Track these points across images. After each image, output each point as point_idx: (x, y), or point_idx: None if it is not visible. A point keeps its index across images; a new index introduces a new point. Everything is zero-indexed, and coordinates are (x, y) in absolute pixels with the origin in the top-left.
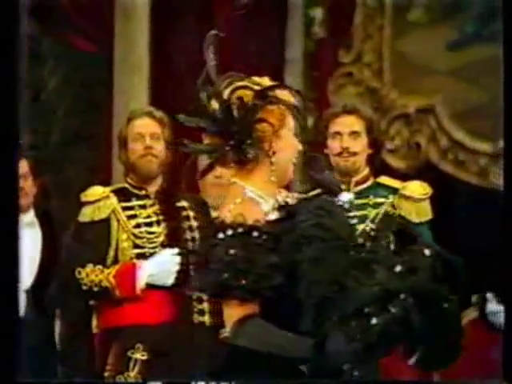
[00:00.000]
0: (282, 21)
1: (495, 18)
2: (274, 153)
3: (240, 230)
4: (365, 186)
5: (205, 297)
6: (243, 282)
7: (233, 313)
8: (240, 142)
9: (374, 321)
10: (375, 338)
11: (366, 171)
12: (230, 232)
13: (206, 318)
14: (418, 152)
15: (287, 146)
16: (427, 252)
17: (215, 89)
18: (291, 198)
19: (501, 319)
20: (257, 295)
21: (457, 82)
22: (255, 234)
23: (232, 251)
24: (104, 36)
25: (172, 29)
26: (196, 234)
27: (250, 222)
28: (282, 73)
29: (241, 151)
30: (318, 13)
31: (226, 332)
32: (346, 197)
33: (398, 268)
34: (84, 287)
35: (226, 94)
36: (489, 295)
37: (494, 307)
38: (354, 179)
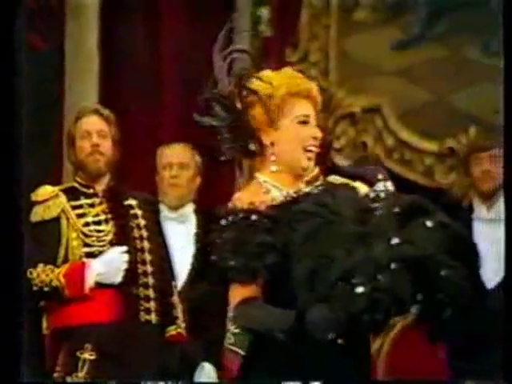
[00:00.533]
0: (230, 19)
1: (440, 19)
2: (272, 144)
3: (241, 214)
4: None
5: (152, 295)
6: (232, 262)
7: (234, 295)
8: (227, 135)
9: (359, 290)
10: (360, 306)
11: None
12: (231, 218)
13: (153, 317)
14: (364, 151)
15: (289, 136)
16: (429, 223)
17: (220, 88)
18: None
19: None
20: (252, 276)
21: (403, 82)
22: (254, 217)
23: (225, 234)
24: (55, 34)
25: (121, 28)
26: (144, 232)
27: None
28: None
29: (238, 144)
30: (264, 12)
31: (172, 330)
32: (380, 186)
33: (395, 240)
34: (35, 288)
35: (230, 91)
36: None
37: None
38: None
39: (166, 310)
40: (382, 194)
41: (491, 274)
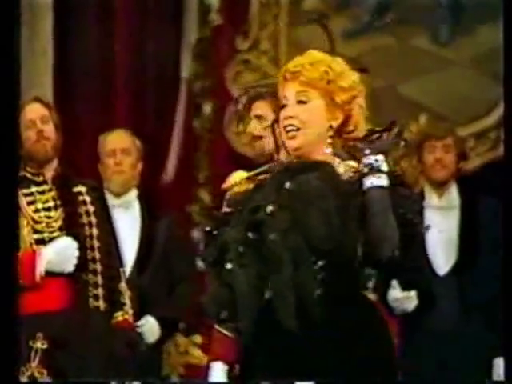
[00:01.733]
0: (179, 8)
1: (389, 8)
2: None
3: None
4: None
5: (100, 281)
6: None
7: None
8: None
9: (228, 266)
10: (229, 282)
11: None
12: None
13: (101, 303)
14: None
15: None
16: (287, 185)
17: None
18: None
19: (403, 306)
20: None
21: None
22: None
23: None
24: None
25: (75, 20)
26: (92, 219)
27: None
28: (179, 60)
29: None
30: (213, 0)
31: (119, 316)
32: (365, 162)
33: (269, 208)
34: None
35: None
36: (393, 282)
37: (398, 294)
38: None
39: (113, 296)
40: (366, 170)
41: (442, 260)
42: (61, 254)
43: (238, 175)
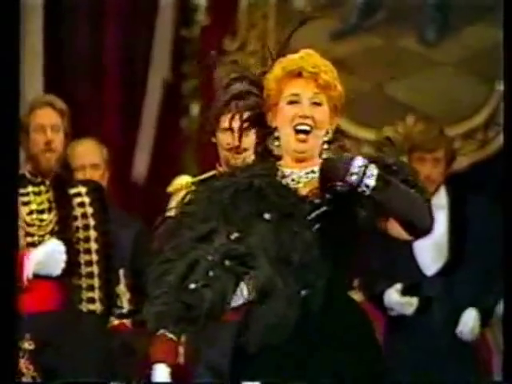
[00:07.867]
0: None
1: (377, 9)
2: (275, 128)
3: None
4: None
5: (96, 284)
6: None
7: None
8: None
9: (192, 286)
10: (189, 300)
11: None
12: None
13: (97, 306)
14: None
15: (282, 118)
16: (267, 216)
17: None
18: None
19: (403, 310)
20: None
21: (340, 72)
22: None
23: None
24: None
25: (64, 19)
26: (91, 221)
27: None
28: (165, 60)
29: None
30: (201, 0)
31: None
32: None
33: (234, 235)
34: None
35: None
36: (398, 286)
37: (399, 298)
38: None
39: (110, 299)
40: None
41: (430, 260)
42: (48, 257)
43: (184, 179)
